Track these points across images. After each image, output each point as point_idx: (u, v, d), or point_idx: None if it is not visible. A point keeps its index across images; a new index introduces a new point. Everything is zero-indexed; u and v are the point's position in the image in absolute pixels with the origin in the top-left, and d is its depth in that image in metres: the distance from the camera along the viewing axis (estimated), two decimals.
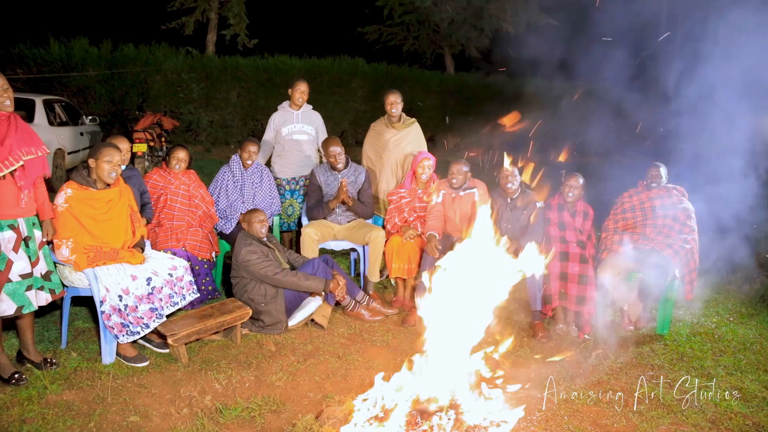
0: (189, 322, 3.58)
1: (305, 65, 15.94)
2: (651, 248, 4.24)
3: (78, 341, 3.73)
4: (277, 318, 4.01)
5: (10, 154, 3.01)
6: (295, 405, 3.14)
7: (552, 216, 4.39)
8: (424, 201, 4.69)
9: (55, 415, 2.88)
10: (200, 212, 4.54)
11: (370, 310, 4.37)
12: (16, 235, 3.07)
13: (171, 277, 3.58)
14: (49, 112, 9.23)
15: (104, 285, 3.33)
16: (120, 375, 3.32)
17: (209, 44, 16.70)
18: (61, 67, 13.14)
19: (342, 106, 16.11)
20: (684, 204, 4.40)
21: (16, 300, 3.05)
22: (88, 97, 13.38)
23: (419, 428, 2.62)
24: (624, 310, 4.35)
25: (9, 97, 3.08)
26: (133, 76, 13.74)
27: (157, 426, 2.86)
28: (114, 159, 3.44)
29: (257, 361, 3.61)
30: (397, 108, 5.18)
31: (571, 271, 4.11)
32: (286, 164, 5.28)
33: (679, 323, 4.51)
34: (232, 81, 14.89)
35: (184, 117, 14.28)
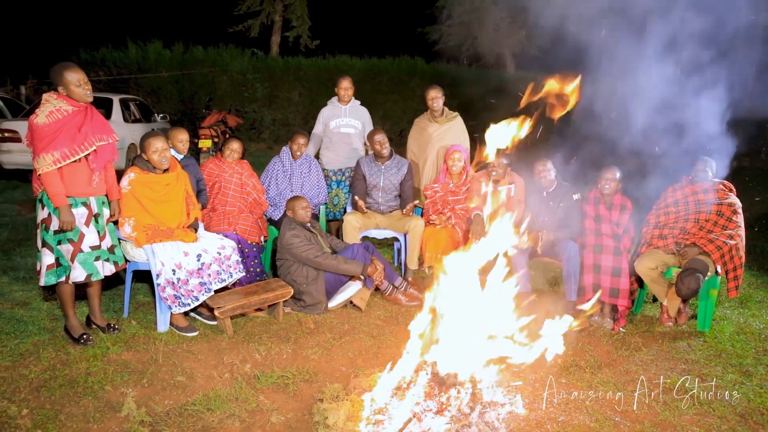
0: (235, 297, 3.89)
1: (365, 65, 16.27)
2: (692, 243, 4.17)
3: (138, 312, 4.12)
4: (317, 299, 4.25)
5: (86, 140, 3.40)
6: (326, 376, 3.36)
7: (588, 209, 4.41)
8: (457, 194, 4.81)
9: (114, 370, 3.25)
10: (251, 199, 4.86)
11: (407, 295, 4.54)
12: (88, 212, 3.47)
13: (219, 255, 3.90)
14: (125, 110, 9.98)
15: (160, 260, 3.69)
16: (171, 342, 3.67)
17: (273, 46, 17.39)
18: (137, 69, 14.09)
19: (401, 106, 16.33)
20: (730, 199, 4.29)
21: (87, 268, 3.45)
22: (160, 97, 14.28)
23: (437, 399, 2.77)
24: (663, 305, 4.30)
25: (89, 88, 3.48)
26: (201, 77, 14.53)
27: (200, 386, 3.16)
28: (158, 147, 3.78)
29: (296, 337, 3.86)
30: (438, 102, 5.34)
31: (604, 263, 4.12)
32: (334, 156, 5.54)
33: (724, 321, 4.40)
34: (294, 81, 15.46)
35: (249, 115, 14.96)
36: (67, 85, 3.35)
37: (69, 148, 3.31)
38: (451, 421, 2.66)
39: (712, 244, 4.10)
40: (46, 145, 3.26)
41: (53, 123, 3.28)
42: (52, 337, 3.64)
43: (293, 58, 16.04)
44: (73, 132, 3.35)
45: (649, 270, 4.20)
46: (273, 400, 3.05)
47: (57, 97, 3.37)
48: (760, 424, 3.02)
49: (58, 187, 3.31)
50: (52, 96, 3.39)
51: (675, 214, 4.41)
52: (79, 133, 3.38)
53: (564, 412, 3.03)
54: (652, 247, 4.32)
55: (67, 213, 3.35)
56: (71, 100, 3.38)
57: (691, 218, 4.32)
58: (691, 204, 4.37)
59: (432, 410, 2.69)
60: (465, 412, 2.71)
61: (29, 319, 3.89)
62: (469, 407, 2.74)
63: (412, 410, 2.69)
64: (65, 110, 3.34)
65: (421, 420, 2.65)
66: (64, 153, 3.29)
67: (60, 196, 3.31)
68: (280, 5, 17.38)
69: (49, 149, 3.26)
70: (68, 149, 3.31)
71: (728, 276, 4.16)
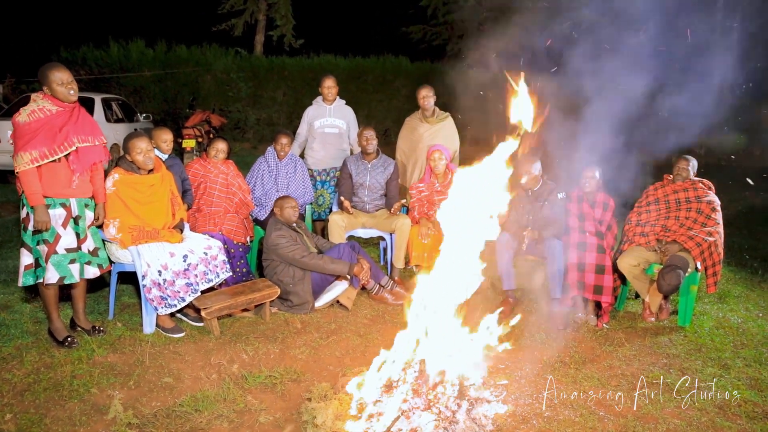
0: (221, 297, 3.88)
1: (349, 64, 16.28)
2: (672, 240, 4.25)
3: (123, 314, 4.10)
4: (304, 298, 4.26)
5: (66, 140, 3.37)
6: (314, 376, 3.37)
7: (572, 207, 4.47)
8: (443, 194, 4.84)
9: (100, 373, 3.23)
10: (237, 199, 4.85)
11: (393, 294, 4.56)
12: (66, 213, 3.44)
13: (206, 256, 3.89)
14: (107, 109, 9.87)
15: (146, 261, 3.67)
16: (158, 343, 3.65)
17: (257, 45, 17.31)
18: (119, 68, 13.96)
19: (385, 105, 16.37)
20: (709, 197, 4.38)
21: (60, 270, 3.41)
22: (143, 96, 14.15)
23: (424, 396, 2.79)
24: (645, 301, 4.38)
25: (73, 88, 3.45)
26: (185, 76, 14.43)
27: (187, 387, 3.15)
28: (143, 148, 3.76)
29: (283, 336, 3.87)
30: (430, 101, 5.36)
31: (588, 261, 4.18)
32: (318, 156, 5.55)
33: (703, 316, 4.49)
34: (278, 80, 15.42)
35: (233, 115, 14.89)
36: (50, 83, 3.35)
37: (48, 147, 3.29)
38: (438, 418, 2.69)
39: (692, 241, 4.19)
40: (25, 143, 3.24)
41: (33, 122, 3.26)
42: (36, 340, 3.60)
43: (277, 58, 16.00)
44: (53, 132, 3.33)
45: (631, 267, 4.28)
46: (261, 400, 3.06)
47: (43, 97, 3.37)
48: (738, 416, 3.10)
49: (35, 186, 3.28)
50: (38, 96, 3.39)
51: (656, 212, 4.50)
52: (60, 133, 3.35)
53: (549, 408, 3.07)
54: (634, 245, 4.40)
55: (43, 213, 3.32)
56: (56, 100, 3.37)
57: (672, 216, 4.40)
58: (672, 202, 4.46)
59: (419, 407, 2.72)
60: (452, 409, 2.74)
61: (11, 322, 3.84)
62: (456, 404, 2.77)
63: (399, 408, 2.71)
64: (48, 110, 3.33)
65: (408, 417, 2.68)
66: (42, 152, 3.27)
67: (36, 195, 3.29)
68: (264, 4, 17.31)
69: (27, 148, 3.24)
70: (47, 149, 3.29)
71: (707, 272, 4.25)
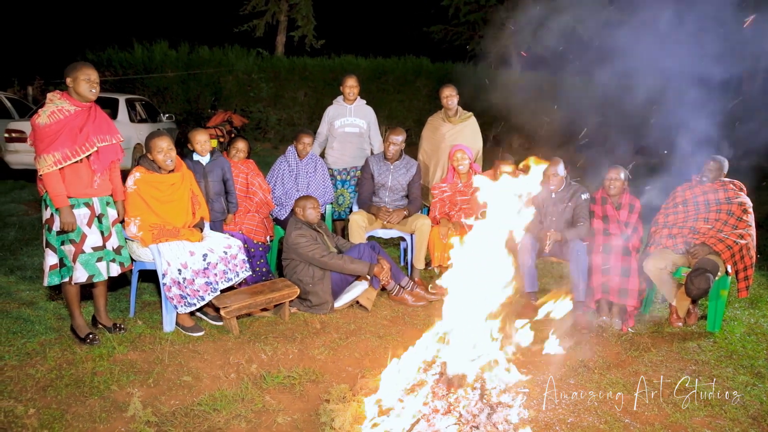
0: (241, 297, 3.87)
1: (370, 65, 16.27)
2: (701, 243, 4.13)
3: (144, 312, 4.12)
4: (323, 299, 4.23)
5: (87, 141, 3.38)
6: (333, 377, 3.34)
7: (596, 209, 4.37)
8: (465, 194, 4.78)
9: (120, 370, 3.24)
10: (257, 199, 4.85)
11: (413, 295, 4.51)
12: (90, 212, 3.46)
13: (225, 255, 3.89)
14: (131, 110, 10.00)
15: (166, 259, 3.68)
16: (177, 342, 3.65)
17: (278, 45, 17.40)
18: (143, 69, 14.14)
19: (406, 105, 16.32)
20: (740, 198, 4.24)
21: (89, 269, 3.44)
22: (166, 97, 14.32)
23: (445, 399, 2.74)
24: (672, 306, 4.26)
25: (96, 89, 3.45)
26: (207, 77, 14.57)
27: (206, 386, 3.14)
28: (163, 147, 3.75)
29: (302, 337, 3.84)
30: (453, 101, 5.30)
31: (613, 263, 4.08)
32: (338, 156, 5.52)
33: (734, 322, 4.35)
34: (299, 81, 15.48)
35: (254, 115, 14.98)
36: (78, 76, 3.33)
37: (70, 149, 3.29)
38: (459, 422, 2.63)
39: (723, 243, 4.05)
40: (47, 145, 3.24)
41: (54, 123, 3.26)
42: (59, 336, 3.63)
43: (298, 58, 16.06)
44: (75, 133, 3.33)
45: (658, 270, 4.16)
46: (279, 400, 3.03)
47: (60, 97, 3.36)
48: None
49: (59, 188, 3.29)
50: (55, 95, 3.37)
51: (684, 214, 4.37)
52: (81, 133, 3.36)
53: (573, 414, 3.00)
54: (661, 247, 4.28)
55: (68, 214, 3.33)
56: (74, 100, 3.36)
57: (701, 217, 4.27)
58: (701, 204, 4.33)
59: (440, 411, 2.67)
60: (473, 413, 2.68)
61: (36, 318, 3.89)
62: (477, 408, 2.71)
63: (420, 410, 2.66)
64: (67, 110, 3.32)
65: (429, 421, 2.62)
66: (65, 154, 3.28)
67: (61, 197, 3.30)
68: (286, 5, 17.39)
69: (50, 150, 3.24)
70: (69, 150, 3.29)
71: (738, 276, 4.11)
